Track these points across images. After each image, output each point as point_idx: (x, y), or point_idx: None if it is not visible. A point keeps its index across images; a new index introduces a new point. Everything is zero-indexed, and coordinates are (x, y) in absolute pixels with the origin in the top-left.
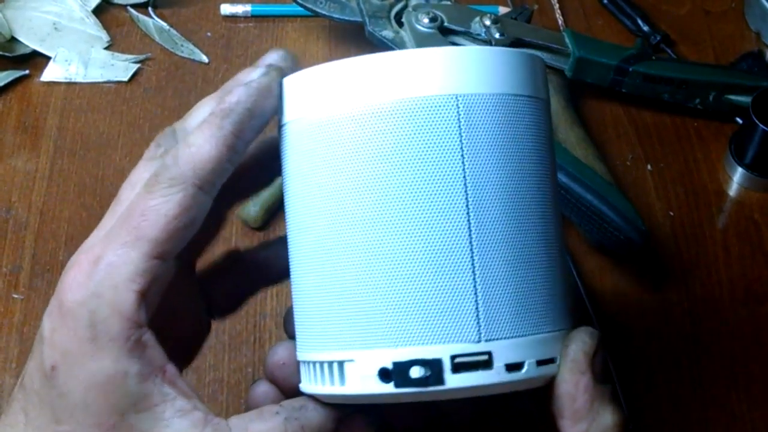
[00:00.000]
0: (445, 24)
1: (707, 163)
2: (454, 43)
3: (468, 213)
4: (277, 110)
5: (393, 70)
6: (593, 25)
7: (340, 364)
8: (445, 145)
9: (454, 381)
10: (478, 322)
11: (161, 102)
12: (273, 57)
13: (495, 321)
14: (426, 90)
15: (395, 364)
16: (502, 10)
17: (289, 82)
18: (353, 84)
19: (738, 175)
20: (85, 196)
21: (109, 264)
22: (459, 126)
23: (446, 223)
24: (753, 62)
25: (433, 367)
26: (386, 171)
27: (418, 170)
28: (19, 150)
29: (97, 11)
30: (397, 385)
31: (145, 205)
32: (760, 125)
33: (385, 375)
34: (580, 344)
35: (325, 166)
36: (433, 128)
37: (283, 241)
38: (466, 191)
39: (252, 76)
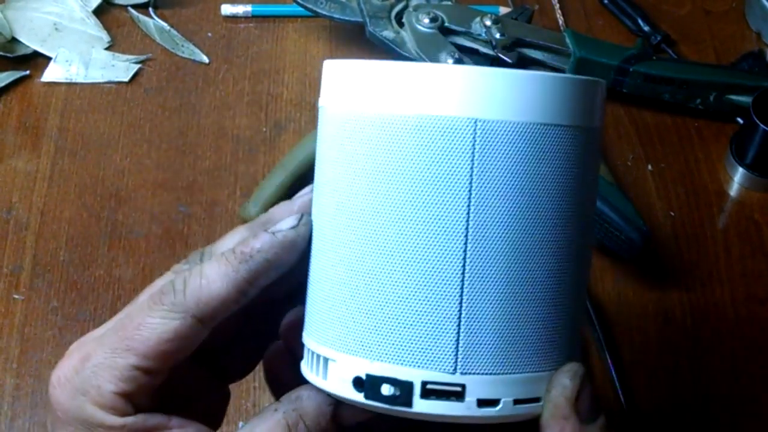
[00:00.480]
0: (446, 24)
1: (708, 163)
2: (454, 43)
3: (465, 244)
4: (299, 261)
5: (417, 82)
6: (594, 25)
7: (326, 360)
8: (454, 172)
9: (421, 406)
10: (456, 354)
11: (162, 102)
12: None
13: (474, 355)
14: (443, 109)
15: (368, 376)
16: (503, 10)
17: (328, 66)
18: (380, 88)
19: (739, 175)
20: (85, 197)
21: (95, 365)
22: (472, 153)
23: (441, 251)
24: (753, 62)
25: (404, 388)
26: (390, 185)
27: (421, 192)
28: (19, 150)
29: (98, 12)
30: (366, 397)
31: (143, 320)
32: (761, 125)
33: (358, 384)
34: (560, 389)
35: (339, 161)
36: (444, 151)
37: (282, 299)
38: (467, 222)
39: (282, 225)
